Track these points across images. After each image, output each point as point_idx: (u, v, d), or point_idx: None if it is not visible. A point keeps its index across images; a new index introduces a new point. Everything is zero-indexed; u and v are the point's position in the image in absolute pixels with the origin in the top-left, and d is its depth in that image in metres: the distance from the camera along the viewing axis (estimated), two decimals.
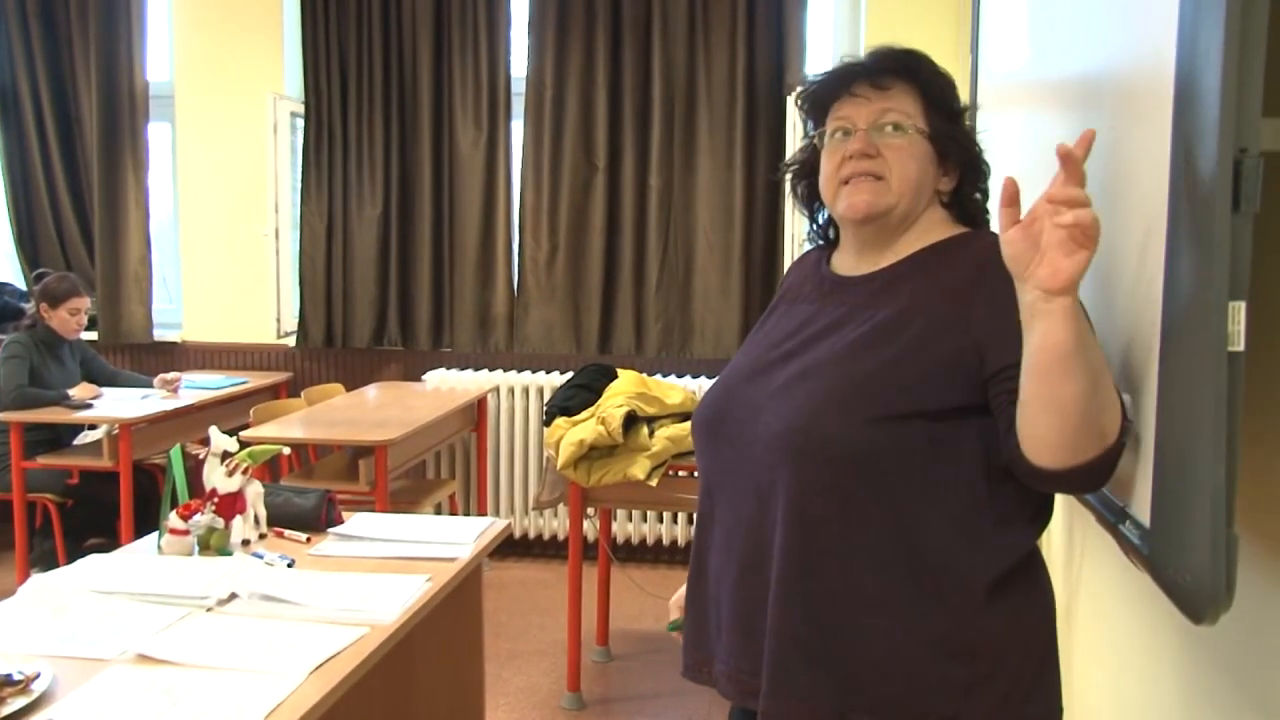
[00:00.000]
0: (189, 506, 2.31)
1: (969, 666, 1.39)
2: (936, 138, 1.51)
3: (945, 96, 1.55)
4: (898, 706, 1.39)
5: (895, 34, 5.27)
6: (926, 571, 1.39)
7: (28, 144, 5.49)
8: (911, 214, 1.52)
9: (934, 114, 1.53)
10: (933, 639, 1.39)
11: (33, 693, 1.56)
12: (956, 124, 1.54)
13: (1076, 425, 1.23)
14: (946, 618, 1.39)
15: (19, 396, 4.34)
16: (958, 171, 1.54)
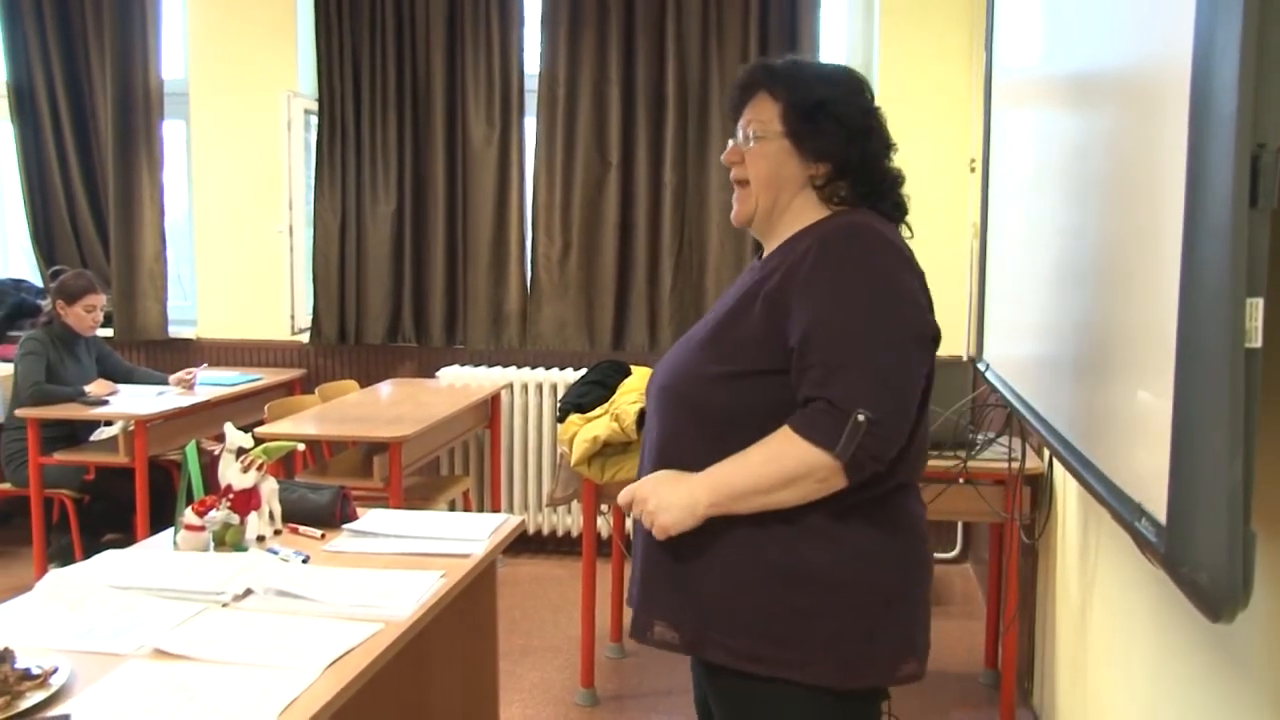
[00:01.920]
0: (204, 503, 2.32)
1: (807, 595, 1.59)
2: (793, 135, 1.69)
3: (804, 96, 1.70)
4: (749, 630, 1.60)
5: (909, 31, 5.29)
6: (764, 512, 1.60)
7: (44, 141, 5.52)
8: (777, 206, 1.73)
9: (792, 114, 1.69)
10: (771, 568, 1.60)
11: (51, 687, 1.57)
12: (818, 120, 1.69)
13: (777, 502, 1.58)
14: (781, 549, 1.60)
15: (36, 393, 4.36)
16: (828, 161, 1.70)
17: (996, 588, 3.61)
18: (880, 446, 1.54)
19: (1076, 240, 1.96)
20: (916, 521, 1.71)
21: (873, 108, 1.75)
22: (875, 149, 1.72)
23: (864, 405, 1.52)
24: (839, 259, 1.60)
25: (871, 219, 1.69)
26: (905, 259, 1.65)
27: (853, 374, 1.53)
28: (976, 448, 3.26)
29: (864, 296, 1.58)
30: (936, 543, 4.99)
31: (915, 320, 1.61)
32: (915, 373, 1.60)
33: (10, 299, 5.56)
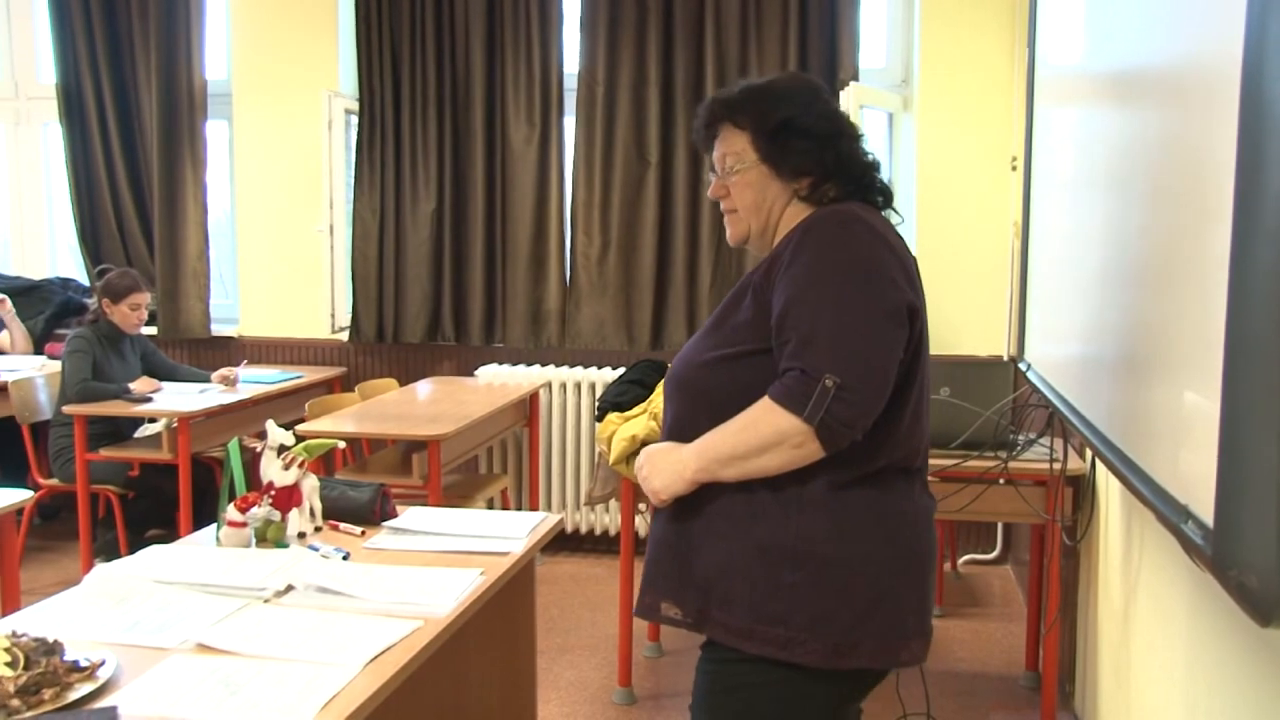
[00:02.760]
0: (247, 499, 2.34)
1: (794, 571, 1.64)
2: (768, 160, 1.77)
3: (766, 121, 1.76)
4: (743, 604, 1.66)
5: (950, 29, 5.25)
6: (757, 486, 1.67)
7: (91, 143, 5.60)
8: (769, 224, 1.81)
9: (761, 141, 1.77)
10: (761, 545, 1.66)
11: (98, 679, 1.60)
12: (787, 139, 1.75)
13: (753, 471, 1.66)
14: (771, 525, 1.66)
15: (82, 390, 4.42)
16: (807, 174, 1.77)
17: (1037, 589, 3.57)
18: (849, 412, 1.58)
19: (1122, 239, 1.93)
20: (915, 508, 1.74)
21: (833, 110, 1.80)
22: (849, 147, 1.77)
23: (832, 371, 1.57)
24: (817, 241, 1.67)
25: (855, 207, 1.74)
26: (884, 240, 1.69)
27: (822, 343, 1.60)
28: (1017, 448, 3.23)
29: (837, 272, 1.64)
30: (976, 543, 4.96)
31: (889, 295, 1.64)
32: (887, 343, 1.63)
33: (58, 298, 5.65)
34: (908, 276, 1.69)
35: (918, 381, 1.72)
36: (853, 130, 1.80)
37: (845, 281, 1.63)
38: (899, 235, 1.77)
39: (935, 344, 4.97)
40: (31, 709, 1.49)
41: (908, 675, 3.38)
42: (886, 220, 1.79)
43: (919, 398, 1.73)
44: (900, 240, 1.76)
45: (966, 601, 4.48)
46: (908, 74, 5.00)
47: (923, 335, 1.72)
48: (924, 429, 1.77)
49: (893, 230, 1.76)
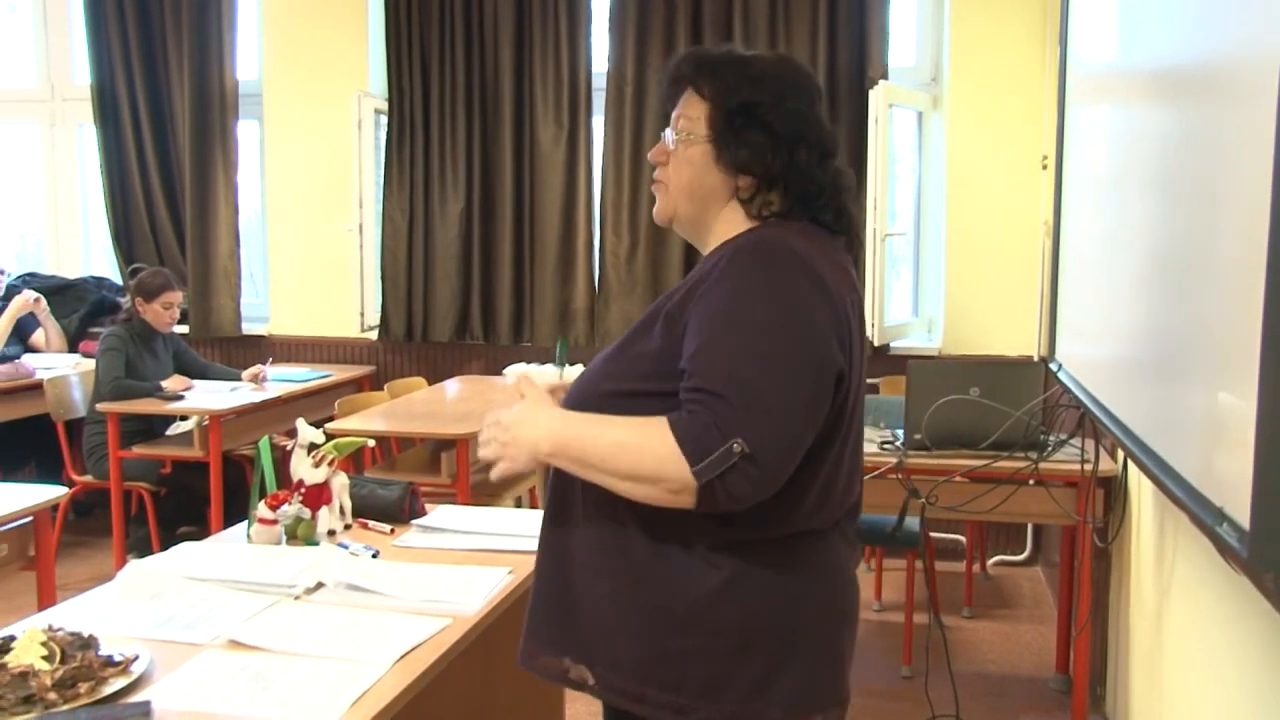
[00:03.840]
0: (277, 497, 2.35)
1: (683, 637, 1.46)
2: (717, 142, 1.53)
3: (729, 99, 1.53)
4: (631, 667, 1.48)
5: (980, 26, 5.21)
6: (640, 543, 1.48)
7: (124, 144, 5.66)
8: (703, 218, 1.58)
9: (718, 118, 1.53)
10: (644, 609, 1.48)
11: (132, 674, 1.61)
12: (743, 126, 1.52)
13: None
14: (658, 586, 1.47)
15: (115, 388, 4.47)
16: (750, 174, 1.53)
17: (1068, 591, 3.55)
18: (746, 487, 1.36)
19: (1156, 238, 1.92)
20: (827, 567, 1.54)
21: (808, 110, 1.55)
22: (804, 158, 1.52)
23: (744, 436, 1.34)
24: (741, 276, 1.44)
25: (790, 235, 1.49)
26: (818, 282, 1.44)
27: (741, 400, 1.36)
28: (1048, 449, 3.21)
29: (759, 321, 1.41)
30: (1006, 544, 4.93)
31: (815, 353, 1.42)
32: (810, 416, 1.41)
33: (92, 297, 5.71)
34: (839, 328, 1.45)
35: (834, 450, 1.49)
36: (820, 141, 1.54)
37: (766, 332, 1.40)
38: (844, 269, 1.53)
39: (964, 344, 4.96)
40: (67, 702, 1.51)
41: (937, 676, 3.38)
42: (831, 250, 1.53)
43: (836, 466, 1.51)
44: (844, 274, 1.52)
45: (996, 603, 4.45)
46: (937, 72, 4.97)
47: (850, 396, 1.49)
48: (847, 491, 1.56)
49: (836, 264, 1.51)
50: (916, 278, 5.18)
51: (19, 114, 6.08)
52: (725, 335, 1.41)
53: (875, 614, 4.32)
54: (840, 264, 1.53)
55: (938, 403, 3.19)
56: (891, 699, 3.55)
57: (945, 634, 3.36)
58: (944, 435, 3.22)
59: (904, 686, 3.62)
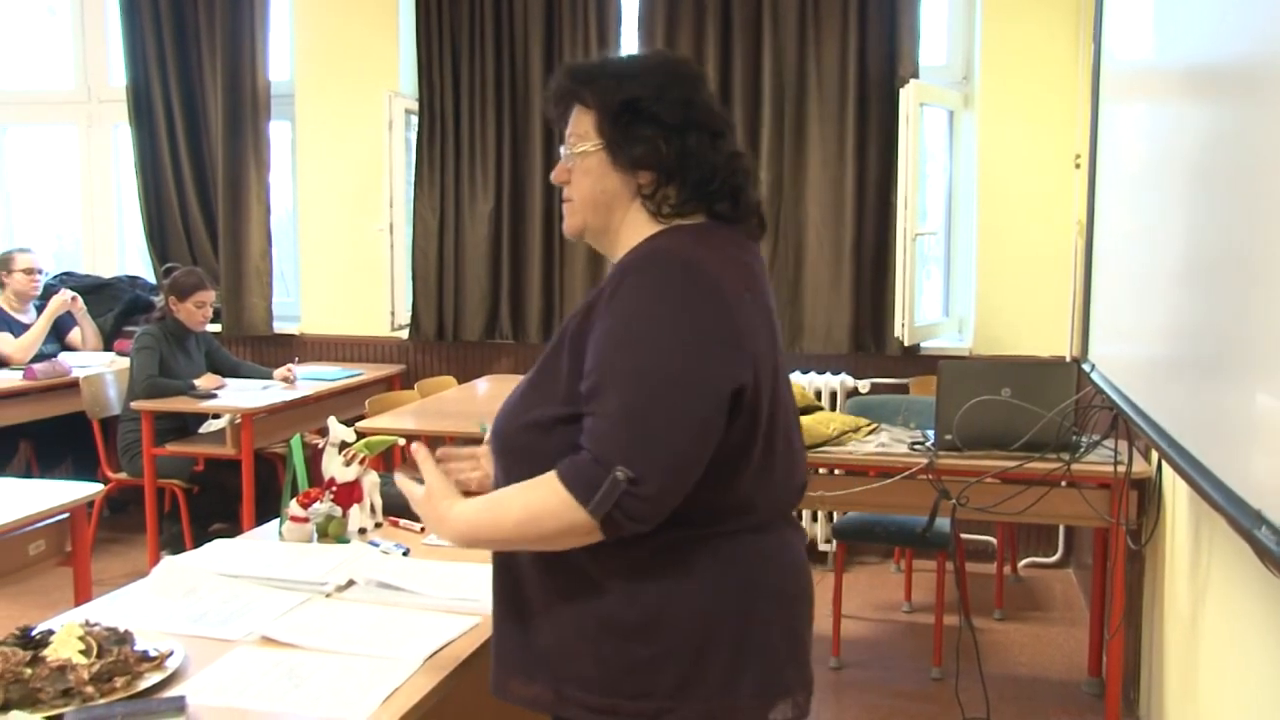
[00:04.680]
0: (309, 495, 2.37)
1: (647, 644, 1.47)
2: (609, 146, 1.54)
3: (611, 100, 1.54)
4: (599, 683, 1.48)
5: (1012, 24, 5.18)
6: (586, 558, 1.47)
7: (159, 144, 5.71)
8: (609, 224, 1.58)
9: (605, 122, 1.54)
10: (601, 622, 1.48)
11: (167, 669, 1.63)
12: (631, 123, 1.52)
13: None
14: (615, 598, 1.47)
15: (149, 386, 4.51)
16: (648, 168, 1.53)
17: (1100, 594, 3.52)
18: (641, 507, 1.38)
19: (1193, 238, 1.90)
20: (776, 555, 1.55)
21: (694, 97, 1.54)
22: (695, 144, 1.52)
23: (624, 462, 1.37)
24: (632, 292, 1.44)
25: (683, 243, 1.50)
26: (711, 289, 1.44)
27: (619, 426, 1.39)
28: (1080, 450, 3.18)
29: (648, 337, 1.41)
30: (1037, 546, 4.89)
31: (702, 371, 1.41)
32: (695, 432, 1.41)
33: (126, 295, 5.77)
34: (734, 334, 1.44)
35: (757, 448, 1.49)
36: (712, 124, 1.55)
37: (654, 351, 1.41)
38: (743, 265, 1.54)
39: (995, 344, 4.94)
40: (104, 696, 1.53)
41: (967, 678, 3.36)
42: (730, 247, 1.54)
43: (767, 460, 1.51)
44: (743, 271, 1.52)
45: (1027, 605, 4.42)
46: (969, 71, 4.94)
47: (762, 396, 1.48)
48: (787, 480, 1.58)
49: (734, 261, 1.52)
50: (947, 277, 5.15)
51: (57, 116, 6.16)
52: (612, 355, 1.42)
53: (905, 615, 4.29)
54: (739, 260, 1.54)
55: (969, 403, 3.17)
56: (921, 700, 3.53)
57: (976, 636, 3.34)
58: (975, 436, 3.20)
59: (934, 688, 3.60)
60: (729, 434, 1.45)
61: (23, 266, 5.25)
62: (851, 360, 4.94)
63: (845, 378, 4.86)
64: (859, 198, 4.82)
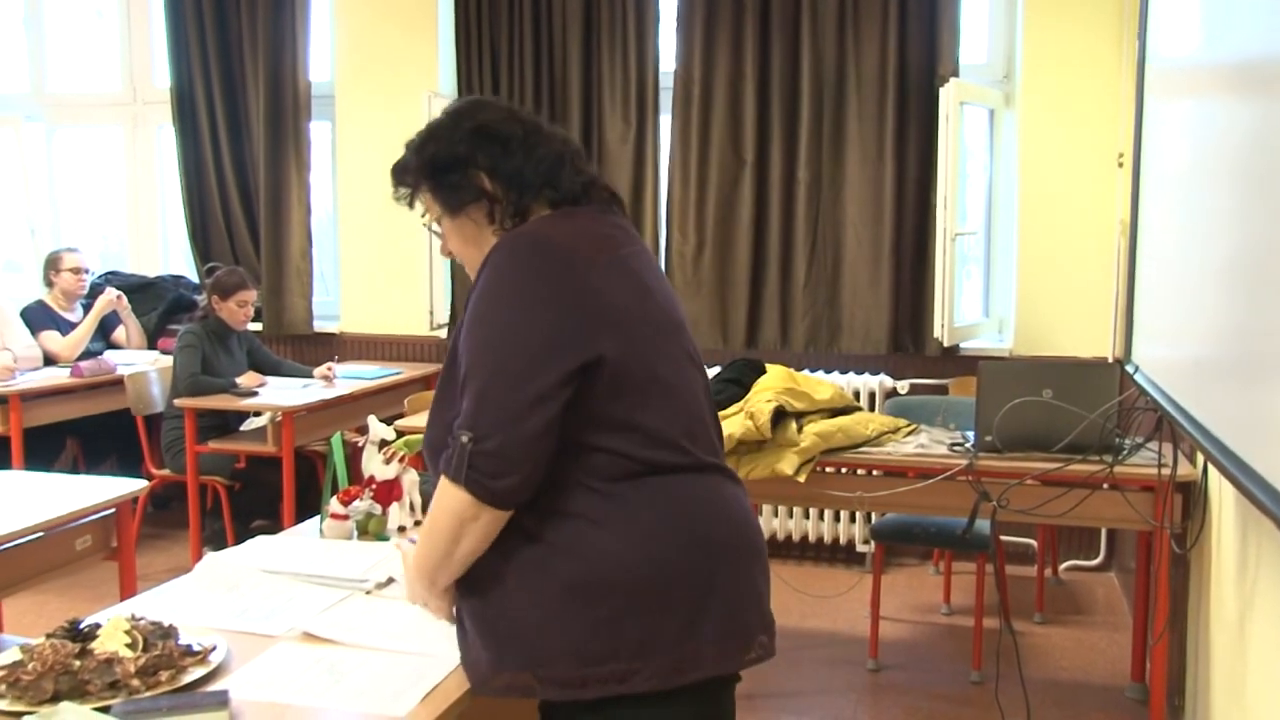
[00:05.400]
0: (349, 492, 2.39)
1: (605, 603, 1.51)
2: (446, 207, 1.68)
3: (421, 171, 1.69)
4: (566, 653, 1.51)
5: (1054, 21, 5.14)
6: (532, 533, 1.53)
7: (201, 145, 5.78)
8: (483, 255, 1.64)
9: (440, 194, 1.68)
10: (563, 587, 1.52)
11: (210, 664, 1.65)
12: (443, 179, 1.67)
13: None
14: (566, 562, 1.52)
15: (192, 384, 4.56)
16: (476, 201, 1.66)
17: (1144, 598, 3.47)
18: (488, 463, 1.46)
19: (1241, 236, 1.87)
20: (716, 502, 1.61)
21: (478, 122, 1.67)
22: (489, 159, 1.64)
23: (464, 426, 1.48)
24: (480, 283, 1.57)
25: (536, 223, 1.63)
26: (552, 253, 1.55)
27: (467, 395, 1.51)
28: (1123, 452, 3.14)
29: (489, 312, 1.53)
30: (1079, 549, 4.84)
31: (536, 328, 1.50)
32: (524, 381, 1.47)
33: (169, 295, 5.85)
34: (587, 295, 1.53)
35: (651, 399, 1.56)
36: (500, 133, 1.65)
37: (492, 322, 1.52)
38: (603, 233, 1.63)
39: (1036, 345, 4.90)
40: (149, 689, 1.55)
41: (1006, 682, 3.33)
42: (588, 219, 1.65)
43: (667, 408, 1.58)
44: (604, 238, 1.62)
45: (1068, 608, 4.38)
46: (1010, 69, 4.89)
47: (637, 343, 1.56)
48: (698, 429, 1.64)
49: (590, 232, 1.62)
50: (987, 277, 5.11)
51: (103, 117, 6.24)
52: (468, 340, 1.54)
53: (944, 617, 4.26)
54: (592, 230, 1.63)
55: (1009, 404, 3.14)
56: (961, 704, 3.50)
57: (1016, 639, 3.31)
58: (1016, 437, 3.17)
59: (973, 692, 3.57)
60: (600, 383, 1.52)
61: (70, 266, 5.33)
62: (890, 361, 4.91)
63: (884, 378, 4.83)
64: (898, 197, 4.79)
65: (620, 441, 1.53)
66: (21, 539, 2.56)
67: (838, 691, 3.59)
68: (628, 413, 1.54)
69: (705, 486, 1.61)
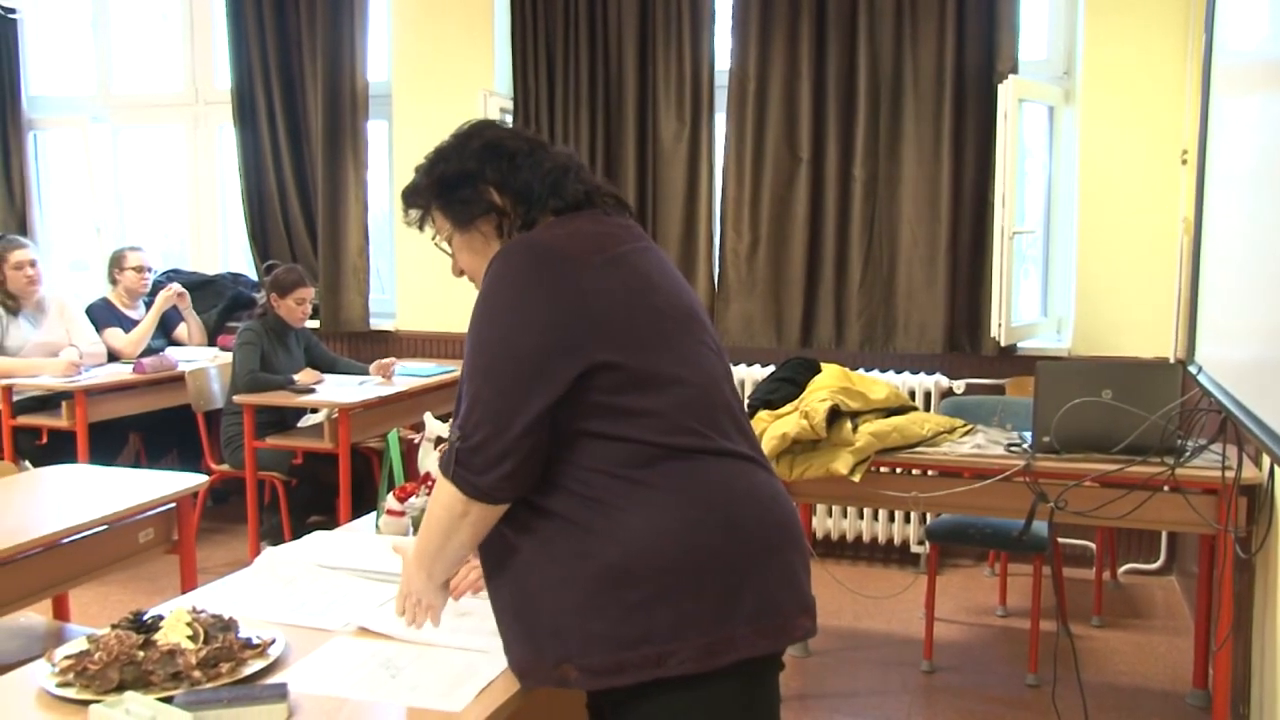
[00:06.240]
0: (405, 489, 2.41)
1: (636, 588, 1.51)
2: (457, 224, 1.73)
3: (431, 191, 1.74)
4: (602, 639, 1.52)
5: (1117, 15, 5.06)
6: (568, 517, 1.55)
7: (261, 145, 5.86)
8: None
9: (450, 210, 1.73)
10: (594, 573, 1.53)
11: (269, 657, 1.67)
12: (452, 195, 1.72)
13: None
14: (602, 551, 1.53)
15: (251, 380, 4.63)
16: (485, 214, 1.70)
17: (1206, 603, 3.40)
18: (472, 459, 1.53)
19: None
20: (749, 487, 1.62)
21: (485, 140, 1.73)
22: (499, 174, 1.70)
23: (457, 425, 1.56)
24: (481, 291, 1.62)
25: (527, 233, 1.66)
26: (550, 257, 1.57)
27: (461, 400, 1.58)
28: (1185, 454, 3.09)
29: (483, 316, 1.59)
30: (1138, 552, 4.76)
31: (524, 329, 1.54)
32: (511, 384, 1.52)
33: (229, 292, 5.94)
34: (582, 295, 1.55)
35: (670, 390, 1.58)
36: (507, 149, 1.71)
37: (488, 325, 1.57)
38: (601, 234, 1.65)
39: (1095, 345, 4.83)
40: (210, 681, 1.58)
41: (1063, 686, 3.28)
42: (587, 222, 1.67)
43: (685, 396, 1.59)
44: (601, 238, 1.64)
45: (1127, 612, 4.30)
46: (1070, 65, 4.82)
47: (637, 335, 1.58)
48: (729, 419, 1.65)
49: (588, 233, 1.64)
50: (1045, 276, 5.03)
51: (167, 118, 6.36)
52: (466, 341, 1.60)
53: (999, 619, 4.21)
54: (589, 232, 1.65)
55: (1068, 405, 3.09)
56: (1018, 707, 3.46)
57: (1074, 642, 3.26)
58: (1074, 438, 3.13)
59: (1029, 695, 3.53)
60: (602, 381, 1.54)
61: (133, 264, 5.44)
62: (946, 360, 4.86)
63: (940, 378, 4.78)
64: (955, 195, 4.74)
65: (638, 429, 1.55)
66: (87, 531, 2.62)
67: (891, 693, 3.56)
68: (639, 402, 1.56)
69: (730, 470, 1.61)
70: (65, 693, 1.56)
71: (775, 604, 1.58)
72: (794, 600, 1.61)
